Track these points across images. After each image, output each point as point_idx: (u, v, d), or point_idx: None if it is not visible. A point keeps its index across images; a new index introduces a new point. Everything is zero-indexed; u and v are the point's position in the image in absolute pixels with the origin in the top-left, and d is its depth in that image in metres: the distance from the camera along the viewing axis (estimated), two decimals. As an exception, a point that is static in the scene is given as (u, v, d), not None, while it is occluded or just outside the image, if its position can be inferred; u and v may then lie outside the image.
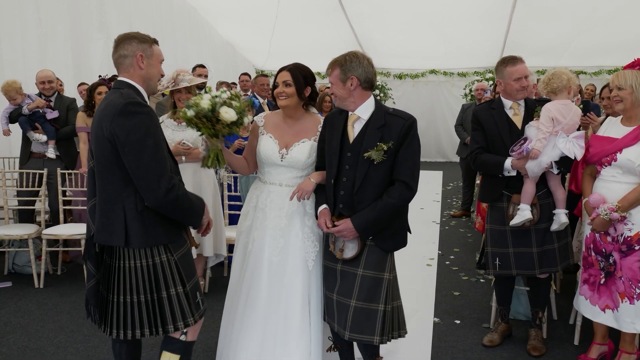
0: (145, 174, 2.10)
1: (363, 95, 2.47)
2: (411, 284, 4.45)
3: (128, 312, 2.22)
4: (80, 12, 6.69)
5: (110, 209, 2.18)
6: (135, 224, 2.17)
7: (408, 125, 2.42)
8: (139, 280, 2.20)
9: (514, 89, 3.07)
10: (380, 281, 2.46)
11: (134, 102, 2.13)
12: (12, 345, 3.37)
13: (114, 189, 2.18)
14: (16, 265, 4.76)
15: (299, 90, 2.62)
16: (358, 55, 2.46)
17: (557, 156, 2.97)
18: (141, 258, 2.20)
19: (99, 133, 2.16)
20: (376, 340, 2.42)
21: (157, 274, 2.22)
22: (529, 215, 3.05)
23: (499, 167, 3.08)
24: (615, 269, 2.89)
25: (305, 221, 2.67)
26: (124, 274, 2.21)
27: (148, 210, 2.17)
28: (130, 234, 2.17)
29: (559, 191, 3.11)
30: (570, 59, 10.76)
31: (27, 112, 4.79)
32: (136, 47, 2.24)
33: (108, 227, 2.19)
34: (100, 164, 2.20)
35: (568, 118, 2.95)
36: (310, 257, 2.64)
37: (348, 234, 2.44)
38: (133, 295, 2.21)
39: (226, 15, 9.79)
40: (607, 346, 3.13)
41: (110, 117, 2.11)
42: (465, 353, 3.28)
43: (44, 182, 4.66)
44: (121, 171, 2.14)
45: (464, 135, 6.73)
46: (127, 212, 2.17)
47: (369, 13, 9.60)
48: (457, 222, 6.85)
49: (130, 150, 2.08)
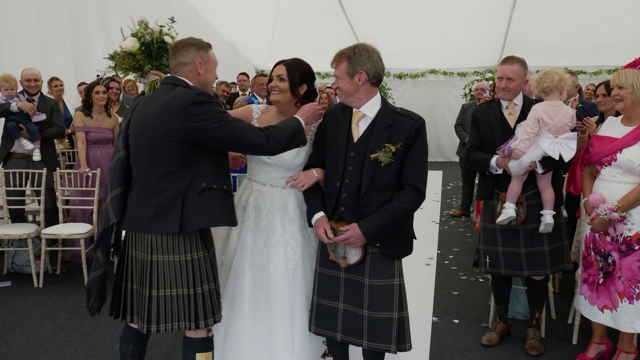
0: (246, 139, 2.18)
1: (370, 91, 2.35)
2: (410, 284, 4.41)
3: (168, 306, 2.23)
4: (80, 12, 6.71)
5: (165, 199, 2.19)
6: (193, 206, 2.19)
7: (418, 127, 2.30)
8: (176, 274, 2.23)
9: (497, 88, 3.13)
10: (390, 288, 2.35)
11: (202, 93, 2.20)
12: (11, 345, 3.37)
13: (169, 177, 2.19)
14: (15, 265, 4.77)
15: (293, 86, 2.49)
16: (368, 48, 2.32)
17: (539, 156, 2.95)
18: (180, 253, 2.22)
19: (159, 125, 2.17)
20: (393, 349, 2.31)
21: (197, 269, 2.25)
22: (512, 214, 3.05)
23: (486, 165, 3.13)
24: (615, 269, 2.89)
25: (286, 226, 2.55)
26: (161, 267, 2.23)
27: (206, 191, 2.21)
28: (186, 220, 2.18)
29: (547, 192, 3.07)
30: (570, 59, 10.75)
31: (15, 109, 4.68)
32: (194, 54, 2.31)
33: (161, 218, 2.19)
34: (154, 154, 2.20)
35: (555, 119, 2.92)
36: (289, 265, 2.52)
37: (356, 241, 2.30)
38: (172, 289, 2.23)
39: (226, 15, 9.80)
40: (605, 345, 3.13)
41: (182, 111, 2.14)
42: (463, 352, 3.29)
43: (43, 182, 4.65)
44: (181, 159, 2.18)
45: (463, 135, 6.73)
46: (185, 198, 2.19)
47: (369, 12, 9.59)
48: (457, 221, 6.85)
49: (220, 129, 2.15)
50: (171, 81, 2.30)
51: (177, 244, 2.22)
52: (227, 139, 2.18)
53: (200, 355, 2.33)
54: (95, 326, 3.64)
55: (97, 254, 2.32)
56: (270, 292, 2.52)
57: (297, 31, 9.96)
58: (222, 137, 2.17)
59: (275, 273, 2.51)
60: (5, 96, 4.72)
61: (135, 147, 2.28)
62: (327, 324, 2.45)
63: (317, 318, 2.47)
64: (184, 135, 2.16)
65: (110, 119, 5.10)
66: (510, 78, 3.04)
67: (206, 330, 2.34)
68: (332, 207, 2.40)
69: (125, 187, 2.31)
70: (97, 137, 4.99)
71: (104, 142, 5.05)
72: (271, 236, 2.54)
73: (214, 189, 2.23)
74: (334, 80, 2.42)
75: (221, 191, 2.26)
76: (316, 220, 2.39)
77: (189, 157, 2.20)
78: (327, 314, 2.45)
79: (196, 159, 2.21)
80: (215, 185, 2.24)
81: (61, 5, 6.36)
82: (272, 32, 10.16)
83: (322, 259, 2.49)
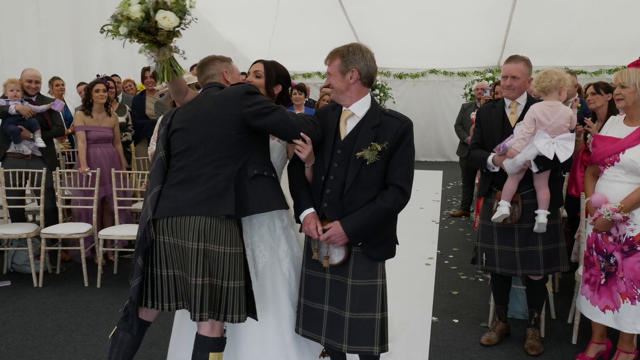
0: (294, 123, 2.32)
1: (361, 90, 2.36)
2: (410, 283, 4.46)
3: (206, 294, 2.24)
4: (80, 12, 6.71)
5: (218, 182, 2.27)
6: (247, 191, 2.29)
7: (405, 128, 2.31)
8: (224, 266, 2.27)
9: (501, 87, 3.15)
10: (373, 288, 2.33)
11: (252, 85, 2.45)
12: (10, 344, 3.37)
13: (223, 161, 2.29)
14: (15, 264, 4.77)
15: (268, 84, 2.57)
16: (362, 47, 2.34)
17: (533, 155, 2.94)
18: (226, 245, 2.27)
19: (219, 113, 2.33)
20: (376, 351, 2.29)
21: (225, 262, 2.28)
22: (507, 212, 3.05)
23: (483, 163, 3.17)
24: (617, 269, 2.88)
25: (255, 228, 2.54)
26: (211, 257, 2.26)
27: (258, 178, 2.33)
28: (242, 202, 2.27)
29: (542, 191, 3.06)
30: (571, 59, 10.75)
31: (13, 111, 4.68)
32: (219, 65, 2.56)
33: (215, 201, 2.24)
34: (211, 142, 2.31)
35: (552, 120, 2.91)
36: (258, 268, 2.53)
37: (337, 239, 2.29)
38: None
39: (226, 14, 9.80)
40: (604, 345, 3.13)
41: (238, 98, 2.32)
42: (463, 352, 3.28)
43: (43, 181, 4.65)
44: (236, 145, 2.31)
45: (463, 135, 6.73)
46: (238, 183, 2.29)
47: (369, 12, 9.59)
48: (457, 221, 6.85)
49: (272, 113, 2.31)
50: (214, 84, 2.50)
51: (223, 234, 2.27)
52: (279, 122, 2.31)
53: (213, 354, 2.33)
54: (94, 326, 3.64)
55: (138, 260, 2.29)
56: None
57: (297, 31, 9.97)
58: (274, 120, 2.31)
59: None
60: (10, 97, 4.74)
61: (185, 143, 2.35)
62: (313, 327, 2.43)
63: (304, 320, 2.46)
64: (241, 120, 2.30)
65: (110, 117, 5.09)
66: (515, 76, 3.05)
67: (222, 331, 2.36)
68: (317, 204, 2.40)
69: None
70: (98, 136, 4.98)
71: (105, 141, 5.05)
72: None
73: (264, 175, 2.36)
74: (327, 78, 2.44)
75: (271, 178, 2.39)
76: (306, 216, 2.38)
77: (244, 143, 2.33)
78: (313, 316, 2.43)
79: (250, 146, 2.35)
80: (265, 172, 2.37)
81: (61, 5, 6.36)
82: (272, 32, 10.16)
83: (307, 260, 2.48)
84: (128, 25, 2.20)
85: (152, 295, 2.33)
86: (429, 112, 13.06)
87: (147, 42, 2.27)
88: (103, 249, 4.52)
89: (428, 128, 13.17)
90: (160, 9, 2.19)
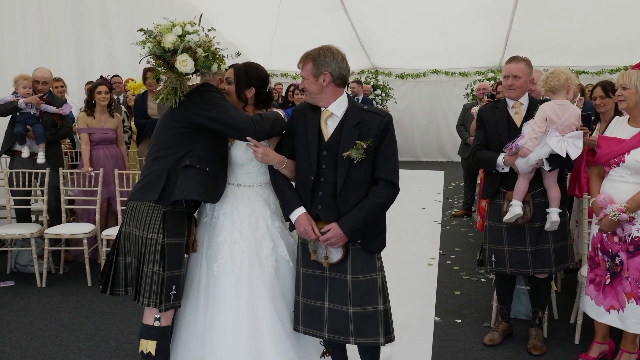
0: (234, 120, 2.42)
1: (336, 92, 2.38)
2: (412, 283, 4.47)
3: (123, 272, 2.50)
4: (82, 12, 6.71)
5: (155, 172, 2.45)
6: (173, 180, 2.42)
7: (386, 122, 2.34)
8: (132, 247, 2.48)
9: (503, 87, 3.16)
10: (373, 282, 2.39)
11: (210, 84, 2.52)
12: (14, 344, 3.38)
13: (161, 152, 2.47)
14: (18, 265, 4.78)
15: (238, 89, 2.60)
16: (333, 50, 2.36)
17: (546, 154, 2.97)
18: (138, 228, 2.45)
19: (168, 111, 2.52)
20: (382, 341, 2.34)
21: (145, 247, 2.44)
22: (520, 211, 3.06)
23: (492, 163, 3.15)
24: (622, 269, 2.89)
25: (236, 224, 2.58)
26: (122, 237, 2.51)
27: (189, 168, 2.43)
28: (167, 191, 2.41)
29: (553, 190, 3.09)
30: (572, 59, 10.74)
31: (22, 105, 4.69)
32: None
33: (146, 187, 2.45)
34: (157, 135, 2.53)
35: (563, 118, 2.95)
36: (235, 265, 2.53)
37: (337, 240, 2.34)
38: (123, 257, 2.51)
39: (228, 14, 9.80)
40: (607, 345, 3.13)
41: (190, 95, 2.46)
42: (466, 352, 3.29)
43: (46, 182, 4.66)
44: (175, 138, 2.45)
45: (465, 135, 6.73)
46: (170, 173, 2.43)
47: (370, 12, 9.59)
48: (459, 221, 6.85)
49: (213, 109, 2.41)
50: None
51: (146, 220, 2.43)
52: (217, 119, 2.41)
53: (144, 341, 2.47)
54: (98, 326, 3.65)
55: None
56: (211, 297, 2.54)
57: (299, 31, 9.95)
58: (212, 116, 2.41)
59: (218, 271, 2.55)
60: (22, 94, 4.75)
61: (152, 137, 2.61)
62: (315, 324, 2.46)
63: (304, 318, 2.49)
64: (186, 116, 2.44)
65: (113, 119, 5.10)
66: (517, 76, 3.06)
67: (152, 319, 2.47)
68: (308, 205, 2.43)
69: None
70: (101, 137, 4.99)
71: (107, 143, 5.06)
72: (219, 234, 2.59)
73: (196, 167, 2.44)
74: (300, 81, 2.46)
75: (202, 171, 2.45)
76: (299, 217, 2.40)
77: (185, 137, 2.45)
78: (313, 314, 2.47)
79: (192, 140, 2.45)
80: (198, 165, 2.44)
81: (63, 5, 6.36)
82: (273, 32, 10.16)
83: (303, 259, 2.50)
84: (153, 47, 2.30)
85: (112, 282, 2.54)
86: (430, 112, 13.06)
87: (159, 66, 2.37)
88: (106, 249, 4.53)
89: (429, 128, 13.18)
90: (187, 53, 2.28)
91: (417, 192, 8.85)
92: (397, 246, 5.22)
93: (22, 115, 4.76)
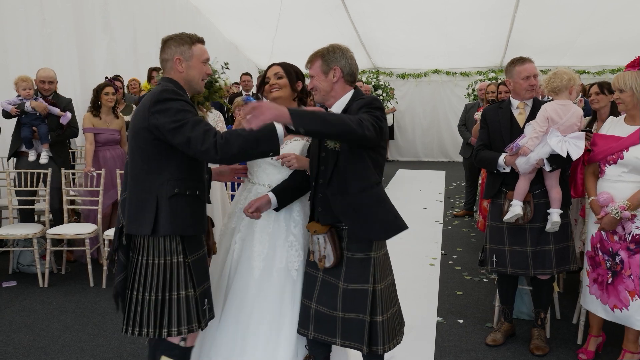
0: (195, 144, 2.05)
1: (344, 89, 2.34)
2: (414, 284, 4.47)
3: (138, 309, 2.18)
4: (84, 13, 6.71)
5: (143, 199, 2.17)
6: (164, 211, 2.15)
7: (366, 102, 2.22)
8: (151, 277, 2.18)
9: (523, 88, 3.11)
10: (363, 293, 2.31)
11: (169, 89, 2.14)
12: (17, 344, 3.39)
13: (142, 176, 2.18)
14: (20, 265, 4.78)
15: (292, 82, 2.56)
16: (342, 47, 2.33)
17: (547, 154, 2.97)
18: (156, 256, 2.19)
19: (137, 124, 2.17)
20: (364, 350, 2.30)
21: (169, 274, 2.19)
22: (520, 211, 3.06)
23: (493, 163, 3.15)
24: (623, 267, 2.90)
25: (291, 228, 2.58)
26: (140, 269, 2.20)
27: (178, 197, 2.17)
28: (160, 223, 2.15)
29: (555, 190, 3.09)
30: (573, 58, 10.74)
31: (29, 109, 4.71)
32: (174, 50, 2.24)
33: (139, 218, 2.17)
34: (132, 153, 2.22)
35: (565, 118, 2.94)
36: (293, 267, 2.54)
37: (266, 110, 1.95)
38: (145, 293, 2.18)
39: (229, 15, 9.80)
40: (602, 337, 3.19)
41: (148, 105, 2.11)
42: (468, 352, 3.29)
43: (48, 182, 4.67)
44: (153, 157, 2.15)
45: (466, 135, 6.72)
46: (159, 200, 2.15)
47: (371, 12, 9.59)
48: (460, 221, 6.85)
49: (175, 129, 2.07)
50: (160, 81, 2.27)
51: (153, 245, 2.19)
52: (180, 142, 2.08)
53: (165, 359, 2.27)
54: (101, 326, 3.65)
55: (119, 256, 2.29)
56: (268, 296, 2.53)
57: (300, 31, 9.97)
58: (175, 138, 2.08)
59: (279, 275, 2.53)
60: (24, 96, 4.76)
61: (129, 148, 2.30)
62: (303, 322, 2.47)
63: (300, 318, 2.50)
64: (150, 133, 2.12)
65: (117, 120, 5.13)
66: (536, 75, 3.08)
67: (178, 339, 2.27)
68: (311, 207, 2.43)
69: None
70: (106, 138, 5.02)
71: (113, 143, 5.10)
72: (277, 239, 2.56)
73: (186, 194, 2.19)
74: (310, 81, 2.41)
75: (192, 197, 2.23)
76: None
77: (161, 156, 2.15)
78: (302, 312, 2.48)
79: (168, 158, 2.16)
80: (187, 190, 2.20)
81: (65, 5, 6.36)
82: (274, 32, 10.16)
83: (308, 258, 2.53)
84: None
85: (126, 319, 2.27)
86: (431, 112, 13.06)
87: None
88: (108, 249, 4.53)
89: (431, 128, 13.18)
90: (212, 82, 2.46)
91: (419, 192, 8.85)
92: (398, 246, 5.20)
93: (27, 117, 4.78)
